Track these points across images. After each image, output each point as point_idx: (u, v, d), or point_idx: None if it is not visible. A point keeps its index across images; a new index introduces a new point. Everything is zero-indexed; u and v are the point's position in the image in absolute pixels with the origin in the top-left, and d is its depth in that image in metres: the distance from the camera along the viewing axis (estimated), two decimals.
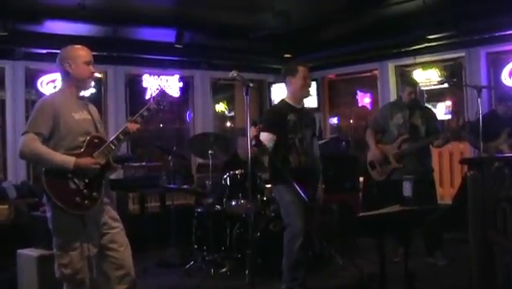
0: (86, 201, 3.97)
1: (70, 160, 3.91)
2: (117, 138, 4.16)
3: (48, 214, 4.06)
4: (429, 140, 6.62)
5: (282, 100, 5.59)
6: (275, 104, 5.71)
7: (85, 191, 3.97)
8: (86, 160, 3.97)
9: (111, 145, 4.13)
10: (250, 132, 4.89)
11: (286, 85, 5.56)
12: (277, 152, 5.34)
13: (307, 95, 5.70)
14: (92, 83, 4.40)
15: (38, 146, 3.92)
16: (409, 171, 6.30)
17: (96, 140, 4.12)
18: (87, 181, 3.99)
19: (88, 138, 4.08)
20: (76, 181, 3.95)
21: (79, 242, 3.97)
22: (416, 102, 6.79)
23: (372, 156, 6.80)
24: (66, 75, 4.19)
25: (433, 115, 7.02)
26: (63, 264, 3.99)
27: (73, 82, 4.18)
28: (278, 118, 5.38)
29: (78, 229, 3.96)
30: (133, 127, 4.20)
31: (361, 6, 8.73)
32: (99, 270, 4.15)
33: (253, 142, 4.90)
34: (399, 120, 6.65)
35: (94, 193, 4.01)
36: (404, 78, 9.99)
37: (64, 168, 3.90)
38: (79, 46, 4.26)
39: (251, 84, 4.68)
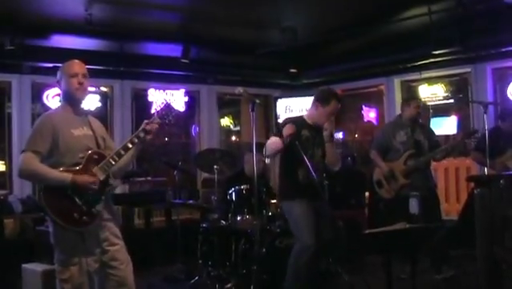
0: (84, 217, 3.93)
1: (66, 177, 3.86)
2: (117, 153, 4.09)
3: (50, 229, 4.05)
4: (435, 154, 6.63)
5: (301, 116, 5.53)
6: (292, 116, 5.64)
7: (84, 207, 3.93)
8: (83, 178, 3.91)
9: (110, 160, 4.06)
10: (286, 129, 4.96)
11: (313, 106, 5.44)
12: (286, 166, 5.35)
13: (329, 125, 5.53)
14: (84, 96, 4.18)
15: (36, 165, 3.91)
16: (417, 187, 6.31)
17: (96, 156, 4.06)
18: (86, 197, 3.95)
19: (88, 154, 4.03)
20: (75, 197, 3.91)
21: (78, 258, 3.94)
22: (416, 118, 6.79)
23: (380, 173, 6.78)
24: (62, 92, 4.19)
25: (431, 129, 7.11)
26: (64, 279, 3.96)
27: (66, 97, 4.18)
28: None
29: (77, 245, 3.93)
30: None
31: (367, 22, 8.76)
32: (100, 287, 4.13)
33: (289, 139, 4.93)
34: (402, 137, 6.67)
35: (93, 209, 3.97)
36: (407, 96, 9.98)
37: (61, 185, 3.86)
38: (71, 60, 4.19)
39: (257, 101, 4.68)
